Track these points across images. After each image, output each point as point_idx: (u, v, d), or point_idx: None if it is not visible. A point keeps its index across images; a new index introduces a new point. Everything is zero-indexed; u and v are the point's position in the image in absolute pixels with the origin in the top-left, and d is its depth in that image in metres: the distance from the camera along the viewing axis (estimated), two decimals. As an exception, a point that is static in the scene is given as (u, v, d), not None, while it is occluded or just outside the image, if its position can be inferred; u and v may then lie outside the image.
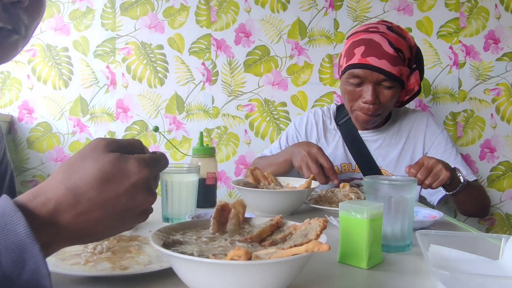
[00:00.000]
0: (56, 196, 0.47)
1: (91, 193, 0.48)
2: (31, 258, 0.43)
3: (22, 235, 0.42)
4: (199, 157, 1.12)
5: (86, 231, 0.49)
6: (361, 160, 1.50)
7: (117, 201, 0.49)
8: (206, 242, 0.57)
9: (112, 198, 0.49)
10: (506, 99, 1.84)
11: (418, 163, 1.14)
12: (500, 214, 1.85)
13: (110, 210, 0.49)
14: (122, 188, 0.49)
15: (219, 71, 1.90)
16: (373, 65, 1.32)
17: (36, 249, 0.43)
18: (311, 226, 0.58)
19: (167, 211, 0.97)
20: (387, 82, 1.34)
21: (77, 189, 0.48)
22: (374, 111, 1.37)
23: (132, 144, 0.54)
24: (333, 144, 1.54)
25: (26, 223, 0.43)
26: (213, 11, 1.89)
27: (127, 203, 0.50)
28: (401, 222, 0.76)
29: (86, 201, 0.48)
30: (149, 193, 0.51)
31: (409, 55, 1.38)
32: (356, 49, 1.36)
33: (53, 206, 0.47)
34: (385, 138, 1.50)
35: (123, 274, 0.59)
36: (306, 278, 0.62)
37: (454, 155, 1.45)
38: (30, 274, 0.43)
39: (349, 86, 1.40)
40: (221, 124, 1.91)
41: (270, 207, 1.01)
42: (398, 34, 1.37)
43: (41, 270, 0.44)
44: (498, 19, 1.82)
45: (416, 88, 1.41)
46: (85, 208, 0.48)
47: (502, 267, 0.65)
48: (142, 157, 0.52)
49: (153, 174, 0.53)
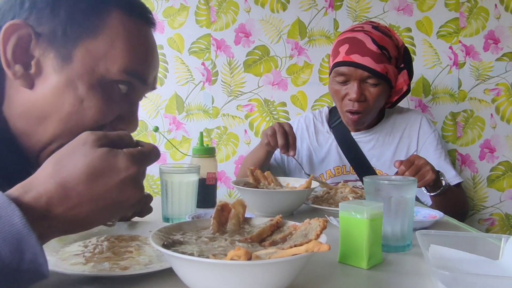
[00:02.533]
0: (47, 191, 0.48)
1: (81, 187, 0.48)
2: (28, 248, 0.44)
3: (19, 226, 0.43)
4: (199, 157, 1.12)
5: (77, 222, 0.50)
6: (355, 161, 1.50)
7: (106, 195, 0.50)
8: (206, 242, 0.57)
9: (101, 193, 0.49)
10: (506, 99, 1.83)
11: (409, 160, 1.16)
12: (500, 214, 1.85)
13: (100, 204, 0.50)
14: (112, 183, 0.50)
15: (219, 71, 1.90)
16: (356, 62, 1.35)
17: (33, 239, 0.44)
18: (311, 226, 0.58)
19: (167, 211, 0.97)
20: (372, 79, 1.36)
21: (67, 184, 0.48)
22: (360, 108, 1.38)
23: (121, 137, 0.54)
24: (327, 146, 1.55)
25: (21, 214, 0.44)
26: (213, 11, 1.89)
27: (116, 197, 0.50)
28: (401, 222, 0.76)
29: (76, 195, 0.48)
30: (137, 188, 0.52)
31: (395, 54, 1.40)
32: (341, 47, 1.40)
33: (45, 201, 0.47)
34: (378, 139, 1.50)
35: (123, 274, 0.59)
36: (306, 278, 0.62)
37: (444, 156, 1.47)
38: (28, 263, 0.44)
39: (335, 85, 1.42)
40: (221, 124, 1.91)
41: (270, 207, 1.01)
42: (383, 33, 1.39)
43: (39, 259, 0.45)
44: (498, 19, 1.82)
45: (405, 88, 1.42)
46: (76, 202, 0.49)
47: (502, 267, 0.65)
48: (131, 152, 0.52)
49: (142, 169, 0.53)
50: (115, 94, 0.65)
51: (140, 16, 0.69)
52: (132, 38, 0.66)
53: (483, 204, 1.85)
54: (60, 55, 0.61)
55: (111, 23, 0.64)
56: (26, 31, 0.60)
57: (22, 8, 0.61)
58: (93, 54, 0.62)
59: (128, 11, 0.66)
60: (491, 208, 1.85)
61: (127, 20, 0.66)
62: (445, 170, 1.40)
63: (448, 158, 1.50)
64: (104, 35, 0.63)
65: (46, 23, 0.61)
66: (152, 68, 0.70)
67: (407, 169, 1.13)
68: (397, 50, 1.41)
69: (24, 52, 0.61)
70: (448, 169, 1.43)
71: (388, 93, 1.43)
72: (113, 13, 0.64)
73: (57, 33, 0.61)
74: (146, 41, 0.69)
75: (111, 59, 0.63)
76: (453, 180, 1.42)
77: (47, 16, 0.61)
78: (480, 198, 1.85)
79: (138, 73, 0.67)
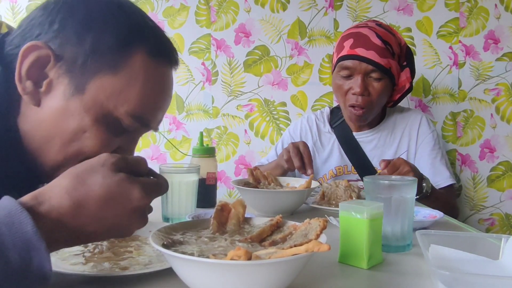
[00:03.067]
0: (61, 206, 0.49)
1: (93, 209, 0.50)
2: (37, 256, 0.45)
3: (30, 234, 0.44)
4: (199, 157, 1.12)
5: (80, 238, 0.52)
6: (357, 161, 1.50)
7: (115, 221, 0.52)
8: (206, 242, 0.57)
9: (110, 217, 0.51)
10: (506, 99, 1.83)
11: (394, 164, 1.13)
12: (500, 214, 1.85)
13: (105, 226, 0.52)
14: (123, 210, 0.52)
15: (219, 71, 1.90)
16: (361, 56, 1.36)
17: (43, 247, 0.45)
18: (311, 226, 0.58)
19: (167, 211, 0.97)
20: (376, 73, 1.36)
21: (81, 203, 0.49)
22: (363, 103, 1.38)
23: (138, 162, 0.56)
24: (329, 147, 1.55)
25: (33, 223, 0.45)
26: (213, 11, 1.89)
27: (121, 223, 0.53)
28: (401, 222, 0.76)
29: (86, 216, 0.50)
30: (143, 218, 0.55)
31: (398, 51, 1.41)
32: (345, 42, 1.40)
33: (56, 215, 0.48)
34: (379, 138, 1.50)
35: (123, 274, 0.59)
36: (306, 278, 0.62)
37: (440, 157, 1.46)
38: (35, 269, 0.45)
39: (339, 80, 1.42)
40: (221, 124, 1.91)
41: (270, 207, 1.01)
42: (386, 30, 1.41)
43: (46, 266, 0.46)
44: (498, 19, 1.82)
45: (407, 85, 1.43)
46: (84, 223, 0.50)
47: (502, 267, 0.65)
48: (147, 183, 0.54)
49: (152, 200, 0.55)
50: (117, 129, 0.64)
51: (164, 57, 0.67)
52: (149, 82, 0.64)
53: (483, 204, 1.85)
54: (74, 84, 0.60)
55: (133, 63, 0.63)
56: (46, 52, 0.59)
57: (51, 28, 0.61)
58: (106, 90, 0.61)
59: (153, 53, 0.65)
60: (491, 208, 1.85)
61: (149, 62, 0.64)
62: (440, 171, 1.40)
63: (445, 160, 1.49)
64: (123, 74, 0.62)
65: (69, 49, 0.60)
66: (160, 112, 0.69)
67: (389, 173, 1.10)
68: (400, 48, 1.42)
69: (39, 71, 0.60)
70: (443, 171, 1.43)
71: (391, 90, 1.43)
72: (138, 54, 0.63)
73: (78, 62, 0.60)
74: (163, 85, 0.68)
75: (122, 99, 0.62)
76: (445, 181, 1.42)
77: (72, 43, 0.60)
78: (480, 198, 1.85)
79: (143, 118, 0.65)
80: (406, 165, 1.14)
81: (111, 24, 0.62)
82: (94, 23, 0.62)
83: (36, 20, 0.62)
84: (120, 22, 0.63)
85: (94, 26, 0.61)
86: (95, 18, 0.62)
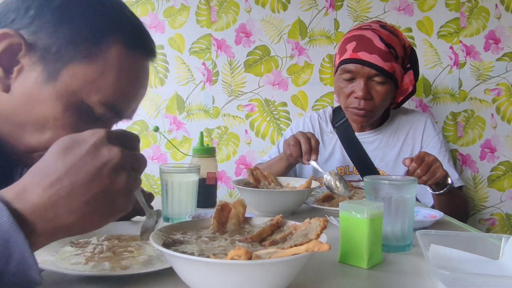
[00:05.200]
0: (24, 180, 0.47)
1: (58, 163, 0.48)
2: (16, 248, 0.43)
3: (6, 225, 0.42)
4: (199, 157, 1.12)
5: (63, 208, 0.47)
6: (359, 161, 1.50)
7: (81, 162, 0.48)
8: (206, 242, 0.57)
9: (76, 162, 0.48)
10: (507, 99, 1.83)
11: (419, 157, 1.14)
12: (500, 214, 1.85)
13: (79, 176, 0.47)
14: (83, 150, 0.48)
15: (220, 71, 1.90)
16: (364, 60, 1.34)
17: (21, 238, 0.43)
18: (311, 225, 0.58)
19: (167, 211, 0.98)
20: (379, 77, 1.35)
21: (43, 168, 0.48)
22: (366, 106, 1.37)
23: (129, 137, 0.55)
24: (331, 147, 1.54)
25: (8, 213, 0.43)
26: (213, 11, 1.89)
27: (92, 161, 0.48)
28: (401, 222, 0.76)
29: (53, 172, 0.47)
30: (111, 146, 0.50)
31: (402, 54, 1.39)
32: (348, 44, 1.38)
33: (21, 187, 0.47)
34: (382, 139, 1.50)
35: (123, 274, 0.59)
36: (306, 278, 0.62)
37: (447, 159, 1.46)
38: (17, 264, 0.43)
39: (341, 83, 1.41)
40: (222, 124, 1.91)
41: (270, 207, 1.01)
42: (391, 32, 1.38)
43: (28, 260, 0.43)
44: (499, 19, 1.82)
45: (411, 88, 1.42)
46: (54, 179, 0.47)
47: (502, 267, 0.65)
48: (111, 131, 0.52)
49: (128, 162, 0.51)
50: (90, 118, 0.64)
51: (141, 48, 0.68)
52: (124, 72, 0.65)
53: (484, 204, 1.85)
54: (47, 72, 0.60)
55: (109, 53, 0.63)
56: (18, 40, 0.59)
57: (26, 14, 0.60)
58: (80, 78, 0.61)
59: (129, 45, 0.65)
60: (491, 208, 1.85)
61: (125, 53, 0.64)
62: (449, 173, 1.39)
63: (452, 161, 1.49)
64: (97, 63, 0.62)
65: (44, 36, 0.60)
66: (133, 102, 0.69)
67: (418, 166, 1.12)
68: (404, 50, 1.40)
69: (10, 58, 0.60)
70: (452, 172, 1.42)
71: (394, 93, 1.42)
72: (114, 45, 0.63)
73: (52, 50, 0.60)
74: (137, 75, 0.68)
75: (95, 88, 0.62)
76: (456, 183, 1.41)
77: (47, 30, 0.60)
78: (480, 198, 1.85)
79: (116, 108, 0.65)
80: (430, 155, 1.15)
81: (88, 14, 0.62)
82: (71, 12, 0.61)
83: (12, 5, 0.62)
84: (97, 12, 0.63)
85: (70, 15, 0.61)
86: (72, 7, 0.62)
